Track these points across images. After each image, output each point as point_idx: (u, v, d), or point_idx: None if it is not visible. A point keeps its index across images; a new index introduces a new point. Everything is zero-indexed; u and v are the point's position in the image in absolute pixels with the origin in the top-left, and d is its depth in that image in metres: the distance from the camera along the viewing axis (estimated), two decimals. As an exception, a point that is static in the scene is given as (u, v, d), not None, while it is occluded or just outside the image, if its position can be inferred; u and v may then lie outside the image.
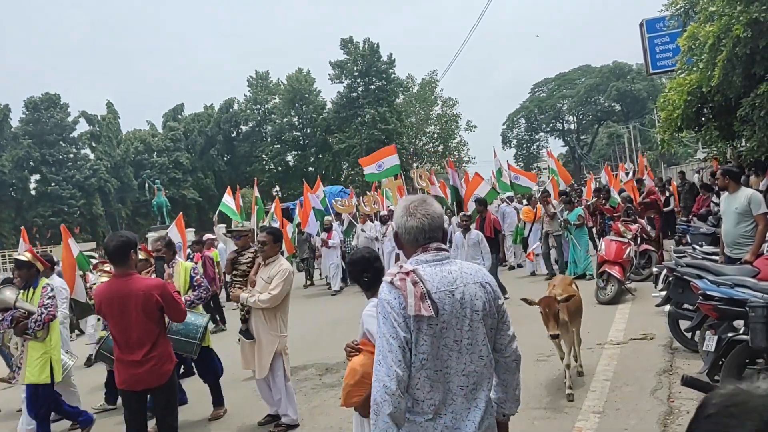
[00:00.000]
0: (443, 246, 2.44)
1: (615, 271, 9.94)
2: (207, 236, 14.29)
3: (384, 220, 15.35)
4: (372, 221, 16.12)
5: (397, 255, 13.03)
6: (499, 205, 16.78)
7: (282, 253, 7.05)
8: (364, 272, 3.70)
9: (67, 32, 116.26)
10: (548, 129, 78.65)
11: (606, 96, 69.93)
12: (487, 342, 2.36)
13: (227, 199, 15.89)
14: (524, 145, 78.20)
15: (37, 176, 47.55)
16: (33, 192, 47.32)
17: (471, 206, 13.51)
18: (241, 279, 6.51)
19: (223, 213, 16.22)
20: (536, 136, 79.09)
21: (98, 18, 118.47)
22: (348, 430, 5.45)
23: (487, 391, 2.37)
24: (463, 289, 2.31)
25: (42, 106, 47.22)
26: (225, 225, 21.12)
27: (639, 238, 11.69)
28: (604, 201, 14.97)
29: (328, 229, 16.09)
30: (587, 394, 5.73)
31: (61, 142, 48.55)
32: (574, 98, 72.72)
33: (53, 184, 46.20)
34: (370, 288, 3.63)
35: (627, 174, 21.88)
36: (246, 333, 6.08)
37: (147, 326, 4.52)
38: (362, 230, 15.85)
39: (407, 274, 2.27)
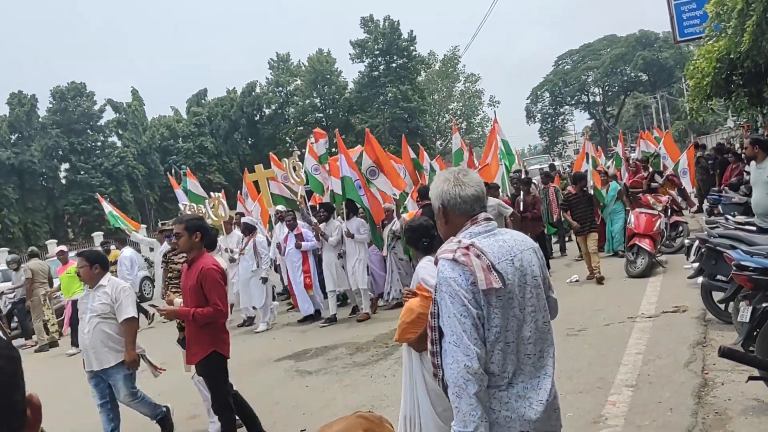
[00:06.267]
0: (490, 216, 2.40)
1: (645, 244, 9.81)
2: (59, 248, 13.00)
3: (249, 230, 11.03)
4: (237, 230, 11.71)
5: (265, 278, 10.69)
6: None
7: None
8: (423, 237, 4.14)
9: (89, 21, 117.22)
10: (573, 102, 77.51)
11: (632, 66, 68.54)
12: (547, 307, 2.36)
13: (106, 206, 15.05)
14: (549, 119, 77.25)
15: (66, 165, 48.20)
16: (63, 180, 48.03)
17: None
18: (176, 281, 6.07)
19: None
20: (561, 110, 78.05)
21: (119, 6, 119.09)
22: (379, 407, 5.51)
23: (552, 357, 2.34)
24: (521, 256, 2.28)
25: (69, 95, 47.68)
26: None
27: (669, 210, 11.53)
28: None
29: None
30: (620, 368, 5.70)
31: (88, 131, 49.05)
32: (599, 69, 71.43)
33: (82, 172, 46.79)
34: (428, 252, 4.07)
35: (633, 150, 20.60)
36: (183, 342, 5.63)
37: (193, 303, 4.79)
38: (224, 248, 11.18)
39: (467, 248, 2.22)
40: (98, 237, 36.31)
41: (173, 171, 39.92)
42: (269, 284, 11.13)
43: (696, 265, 7.18)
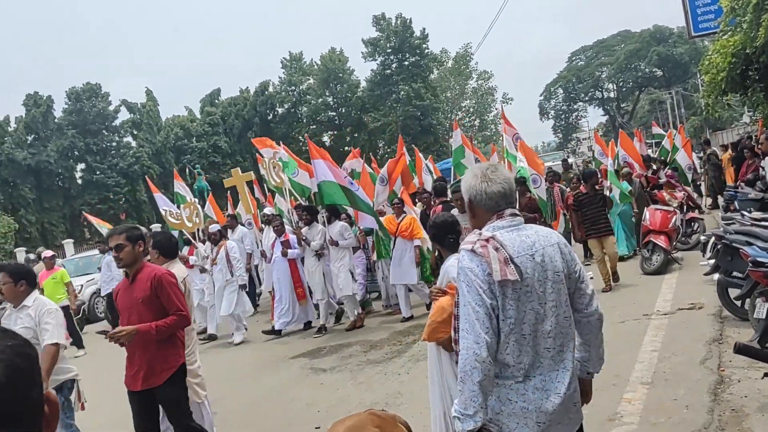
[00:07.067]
0: (517, 212, 2.45)
1: (661, 241, 9.75)
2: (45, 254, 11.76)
3: (215, 240, 10.51)
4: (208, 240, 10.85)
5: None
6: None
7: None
8: (448, 234, 4.05)
9: (100, 20, 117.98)
10: (587, 98, 76.99)
11: (647, 61, 67.93)
12: (569, 303, 2.40)
13: (93, 220, 14.26)
14: (562, 116, 76.76)
15: (82, 165, 48.61)
16: (79, 181, 48.44)
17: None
18: None
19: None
20: (575, 106, 77.53)
21: (119, 6, 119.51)
22: (393, 405, 5.53)
23: (572, 352, 2.39)
24: (543, 251, 2.33)
25: (84, 96, 48.08)
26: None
27: (685, 207, 11.44)
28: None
29: (188, 243, 11.29)
30: (635, 365, 5.67)
31: (104, 131, 49.43)
32: (613, 65, 70.85)
33: (98, 172, 47.13)
34: (454, 249, 3.93)
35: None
36: None
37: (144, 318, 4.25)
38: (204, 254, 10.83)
39: (487, 240, 2.28)
40: (114, 236, 36.50)
41: (187, 170, 40.24)
42: (243, 292, 10.43)
43: (712, 261, 7.12)
